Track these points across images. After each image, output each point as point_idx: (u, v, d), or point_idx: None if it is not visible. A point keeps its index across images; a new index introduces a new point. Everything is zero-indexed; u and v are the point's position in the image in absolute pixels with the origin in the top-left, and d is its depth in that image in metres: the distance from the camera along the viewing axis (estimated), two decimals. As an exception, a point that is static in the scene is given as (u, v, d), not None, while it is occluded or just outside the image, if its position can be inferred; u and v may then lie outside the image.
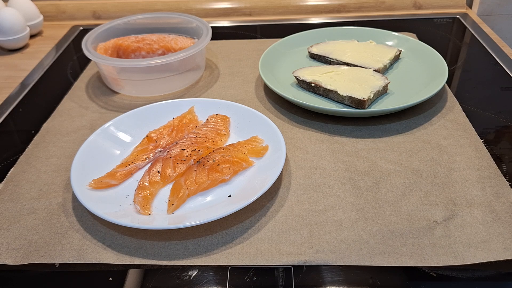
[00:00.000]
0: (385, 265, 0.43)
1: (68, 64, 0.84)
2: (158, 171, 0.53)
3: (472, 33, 0.89)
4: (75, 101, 0.72)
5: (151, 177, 0.53)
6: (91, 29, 0.77)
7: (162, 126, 0.62)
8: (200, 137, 0.58)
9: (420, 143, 0.59)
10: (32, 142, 0.63)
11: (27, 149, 0.61)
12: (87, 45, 0.71)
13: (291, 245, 0.46)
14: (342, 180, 0.53)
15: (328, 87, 0.66)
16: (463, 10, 0.99)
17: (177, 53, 0.68)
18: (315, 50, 0.78)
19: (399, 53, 0.76)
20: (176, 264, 0.45)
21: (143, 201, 0.50)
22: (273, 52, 0.77)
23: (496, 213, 0.48)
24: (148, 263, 0.45)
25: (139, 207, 0.49)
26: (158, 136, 0.59)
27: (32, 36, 0.95)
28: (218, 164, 0.53)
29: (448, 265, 0.43)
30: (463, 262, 0.43)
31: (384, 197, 0.51)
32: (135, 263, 0.45)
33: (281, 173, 0.53)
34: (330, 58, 0.75)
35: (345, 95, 0.63)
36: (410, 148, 0.58)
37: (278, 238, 0.47)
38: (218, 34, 0.91)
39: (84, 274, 0.44)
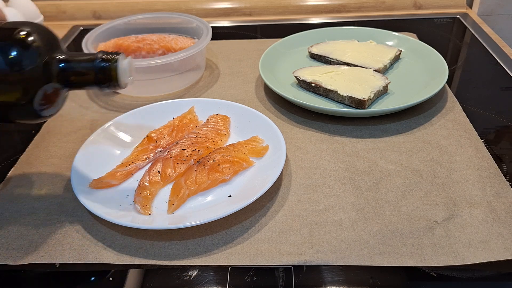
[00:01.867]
0: (385, 265, 0.43)
1: (68, 64, 0.84)
2: (159, 171, 0.53)
3: (472, 33, 0.89)
4: (76, 101, 0.72)
5: (151, 177, 0.53)
6: (91, 29, 0.77)
7: (163, 126, 0.62)
8: (200, 137, 0.58)
9: (420, 143, 0.59)
10: (33, 142, 0.63)
11: (27, 149, 0.61)
12: (88, 45, 0.71)
13: (291, 245, 0.46)
14: (342, 180, 0.53)
15: (329, 87, 0.65)
16: (463, 10, 0.99)
17: (177, 53, 0.68)
18: (315, 50, 0.78)
19: (399, 53, 0.76)
20: (176, 264, 0.45)
21: (144, 201, 0.50)
22: (273, 52, 0.77)
23: (496, 213, 0.48)
24: (148, 263, 0.45)
25: (139, 207, 0.49)
26: (159, 136, 0.59)
27: (32, 36, 0.95)
28: (218, 164, 0.53)
29: (448, 265, 0.43)
30: (463, 262, 0.43)
31: (384, 197, 0.51)
32: (136, 263, 0.45)
33: (281, 173, 0.53)
34: (330, 58, 0.75)
35: (345, 95, 0.63)
36: (410, 148, 0.58)
37: (278, 238, 0.47)
38: (218, 34, 0.91)
39: (84, 274, 0.44)
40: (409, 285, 0.42)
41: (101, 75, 0.43)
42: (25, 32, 0.42)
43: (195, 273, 0.44)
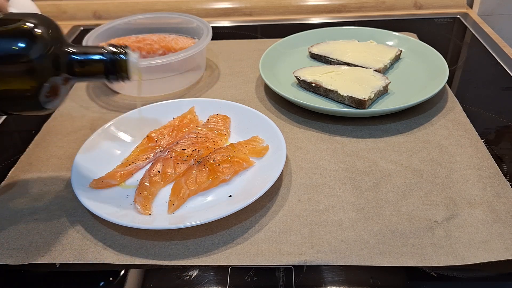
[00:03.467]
0: (385, 265, 0.43)
1: (69, 64, 0.84)
2: (159, 171, 0.53)
3: (472, 33, 0.89)
4: (76, 101, 0.72)
5: (151, 177, 0.53)
6: (91, 29, 0.77)
7: (163, 126, 0.62)
8: (200, 137, 0.58)
9: (420, 143, 0.59)
10: (33, 142, 0.63)
11: (27, 149, 0.61)
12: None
13: (292, 245, 0.46)
14: (342, 180, 0.53)
15: (329, 87, 0.65)
16: (464, 10, 0.99)
17: (178, 53, 0.68)
18: (316, 50, 0.78)
19: (400, 53, 0.76)
20: (176, 264, 0.45)
21: (144, 201, 0.50)
22: (273, 52, 0.77)
23: (496, 213, 0.48)
24: (148, 263, 0.45)
25: (139, 207, 0.49)
26: (159, 136, 0.59)
27: (32, 36, 0.95)
28: (219, 164, 0.53)
29: (448, 265, 0.43)
30: (464, 262, 0.43)
31: (384, 197, 0.51)
32: (136, 263, 0.45)
33: (281, 173, 0.53)
34: (330, 58, 0.75)
35: (345, 95, 0.63)
36: (410, 148, 0.58)
37: (278, 238, 0.47)
38: (219, 34, 0.91)
39: (85, 274, 0.44)
40: (409, 285, 0.42)
41: (111, 66, 0.45)
42: (34, 23, 0.42)
43: (195, 273, 0.44)
